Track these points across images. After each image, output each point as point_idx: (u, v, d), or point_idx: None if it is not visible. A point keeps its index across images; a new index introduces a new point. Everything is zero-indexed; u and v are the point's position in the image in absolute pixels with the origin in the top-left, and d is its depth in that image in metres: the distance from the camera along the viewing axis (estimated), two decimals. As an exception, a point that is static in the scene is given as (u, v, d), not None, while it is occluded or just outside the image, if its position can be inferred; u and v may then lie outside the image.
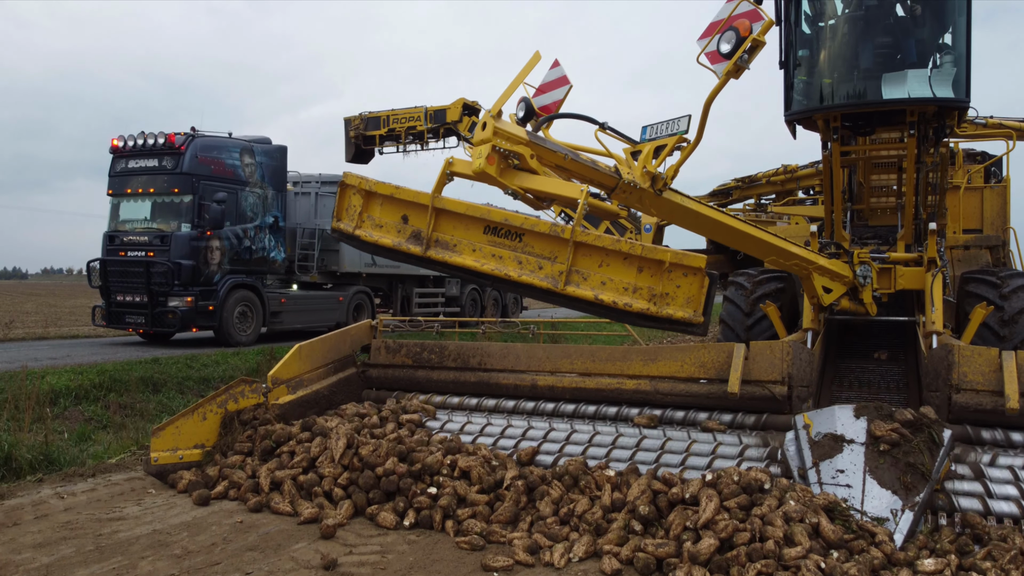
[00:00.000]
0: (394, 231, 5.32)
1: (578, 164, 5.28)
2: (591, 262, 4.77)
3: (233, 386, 6.56)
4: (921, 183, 7.44)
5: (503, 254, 4.92)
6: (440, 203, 5.15)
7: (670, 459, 5.64)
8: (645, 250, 4.63)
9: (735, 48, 4.72)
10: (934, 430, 4.87)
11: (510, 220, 4.97)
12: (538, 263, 4.83)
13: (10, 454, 6.33)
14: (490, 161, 4.83)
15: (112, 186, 16.09)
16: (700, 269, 4.57)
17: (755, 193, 16.77)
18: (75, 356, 13.61)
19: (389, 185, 5.37)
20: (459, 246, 5.06)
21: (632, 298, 4.61)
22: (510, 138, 4.90)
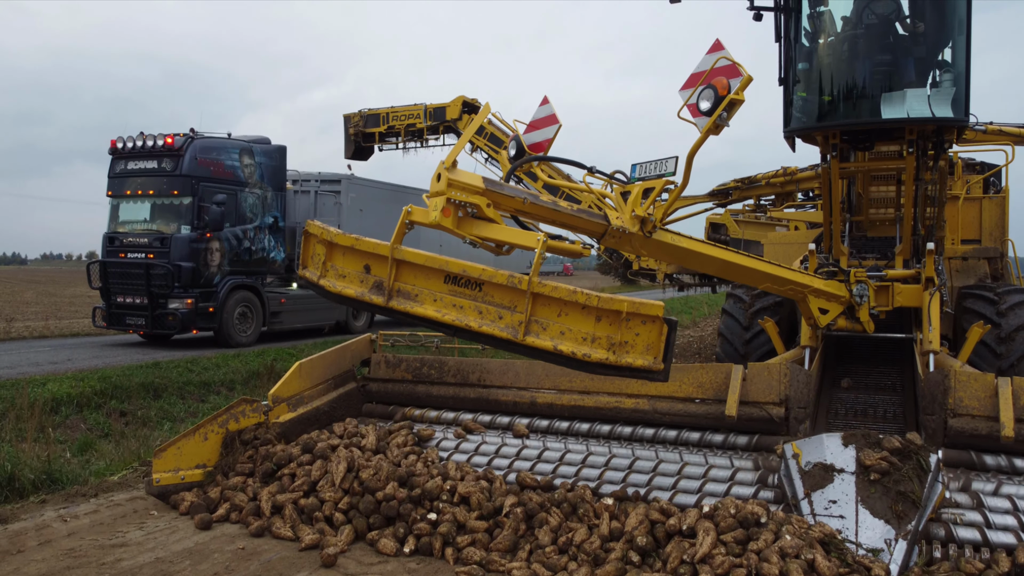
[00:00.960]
0: (357, 281, 5.30)
1: (563, 213, 5.32)
2: (550, 311, 4.71)
3: (234, 406, 6.60)
4: (920, 198, 7.45)
5: (464, 304, 4.89)
6: (400, 254, 5.11)
7: (663, 482, 5.71)
8: (602, 300, 4.60)
9: (714, 106, 4.75)
10: (921, 456, 4.92)
11: (468, 271, 4.92)
12: (498, 313, 4.79)
13: (13, 474, 6.35)
14: (445, 213, 4.83)
15: (111, 187, 16.09)
16: (658, 317, 4.54)
17: (754, 194, 16.76)
18: (76, 359, 13.65)
19: (350, 236, 5.34)
20: (420, 296, 5.04)
21: (591, 348, 4.59)
22: (465, 188, 4.88)
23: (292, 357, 15.46)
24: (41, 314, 29.32)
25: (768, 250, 11.40)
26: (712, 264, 6.10)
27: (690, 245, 5.79)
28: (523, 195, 5.14)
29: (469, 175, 5.01)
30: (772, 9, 7.32)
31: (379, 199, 21.02)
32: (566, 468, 6.09)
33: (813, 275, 6.68)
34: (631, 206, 5.29)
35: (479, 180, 5.00)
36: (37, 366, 12.74)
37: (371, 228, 20.63)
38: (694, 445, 6.28)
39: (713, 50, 4.94)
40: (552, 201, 5.33)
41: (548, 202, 5.31)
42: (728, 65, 4.77)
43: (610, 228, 5.27)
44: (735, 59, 4.76)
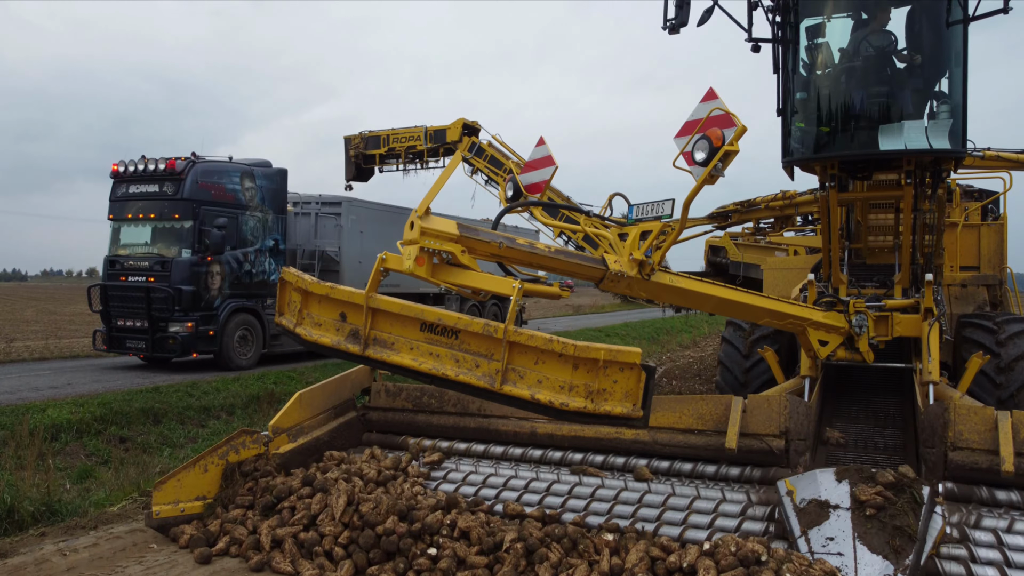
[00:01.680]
0: (333, 329, 5.26)
1: (560, 260, 5.34)
2: (527, 359, 4.64)
3: (234, 437, 6.60)
4: (918, 227, 7.50)
5: (440, 352, 4.83)
6: (375, 303, 5.06)
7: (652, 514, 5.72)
8: (579, 349, 4.56)
9: (709, 157, 4.79)
10: (915, 489, 4.92)
11: (444, 319, 4.88)
12: (475, 361, 4.73)
13: (12, 506, 6.34)
14: (419, 262, 4.80)
15: (113, 211, 16.16)
16: (636, 364, 4.52)
17: (753, 217, 16.82)
18: (76, 384, 13.64)
19: (324, 285, 5.29)
20: (397, 344, 4.99)
21: (569, 397, 4.53)
22: (439, 236, 4.85)
23: (292, 380, 15.49)
24: (41, 333, 29.34)
25: (768, 276, 11.44)
26: (710, 302, 6.12)
27: (688, 285, 5.82)
28: (499, 240, 5.12)
29: (443, 222, 4.97)
30: (770, 41, 7.40)
31: (380, 221, 21.10)
32: (575, 502, 6.08)
33: (812, 307, 6.70)
34: (629, 249, 5.31)
35: (453, 227, 4.98)
36: (37, 391, 12.74)
37: (372, 250, 20.70)
38: (693, 476, 6.29)
39: (707, 99, 4.99)
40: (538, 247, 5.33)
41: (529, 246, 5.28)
42: (722, 115, 4.80)
43: (608, 273, 5.29)
44: (729, 108, 4.80)
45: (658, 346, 32.49)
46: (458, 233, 4.91)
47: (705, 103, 4.93)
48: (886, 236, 8.90)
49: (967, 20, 6.76)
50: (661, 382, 18.44)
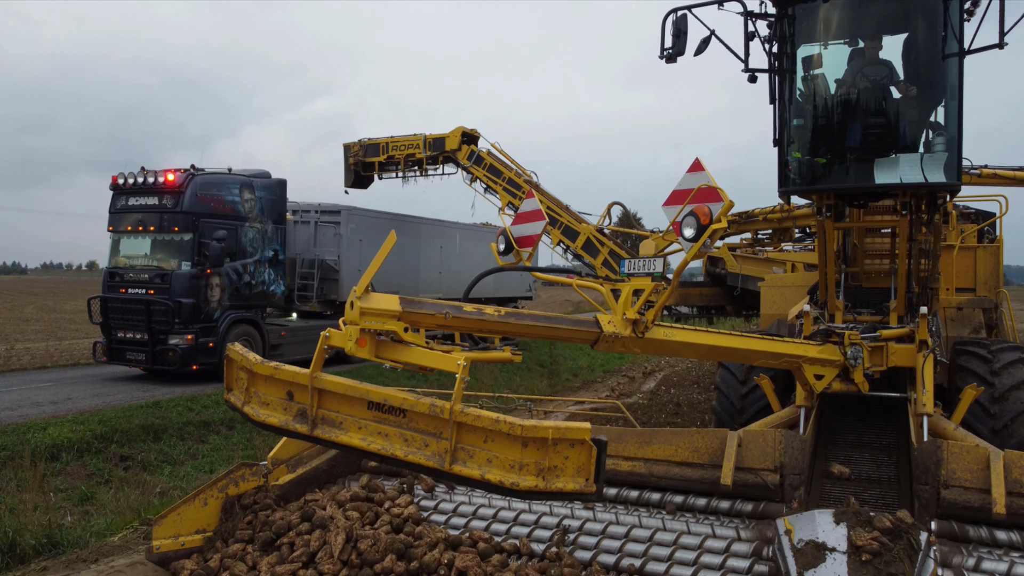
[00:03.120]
0: (280, 409, 5.20)
1: (556, 328, 5.36)
2: (476, 437, 4.56)
3: (234, 470, 6.64)
4: (914, 255, 7.54)
5: (389, 431, 4.76)
6: (319, 383, 4.97)
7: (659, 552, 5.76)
8: (526, 429, 4.53)
9: (697, 234, 4.83)
10: (912, 535, 4.97)
11: (390, 399, 4.78)
12: (424, 440, 4.66)
13: (14, 540, 6.40)
14: (360, 343, 4.76)
15: (112, 223, 16.20)
16: (585, 441, 4.52)
17: (751, 228, 16.84)
18: (76, 398, 13.69)
19: (269, 365, 5.16)
20: (345, 423, 4.92)
21: (519, 476, 4.47)
22: (380, 315, 4.82)
23: (292, 392, 15.50)
24: (42, 333, 29.48)
25: (765, 293, 11.48)
26: (705, 350, 6.16)
27: (683, 337, 5.85)
28: (444, 310, 5.05)
29: (384, 299, 4.91)
30: (767, 71, 7.43)
31: (379, 229, 21.13)
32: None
33: (806, 342, 6.74)
34: (622, 308, 5.34)
35: (395, 303, 4.90)
36: (38, 407, 12.79)
37: (371, 258, 20.70)
38: (684, 509, 6.36)
39: (694, 170, 5.04)
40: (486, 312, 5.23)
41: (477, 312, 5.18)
42: (710, 190, 4.84)
43: (603, 335, 5.30)
44: (716, 182, 4.85)
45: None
46: (400, 309, 4.84)
47: (692, 174, 4.98)
48: (882, 260, 8.94)
49: (963, 53, 6.78)
50: (659, 391, 18.55)
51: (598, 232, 18.53)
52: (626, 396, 18.17)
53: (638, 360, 27.60)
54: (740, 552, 5.66)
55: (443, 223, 24.50)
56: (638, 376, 22.57)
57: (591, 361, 27.63)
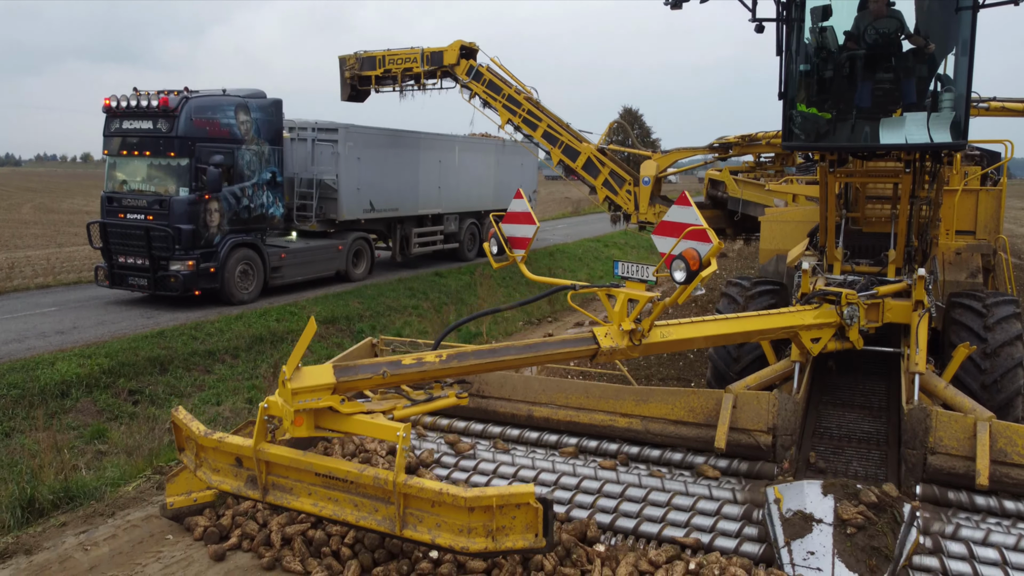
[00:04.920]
0: (231, 475, 5.21)
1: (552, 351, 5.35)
2: (423, 503, 4.63)
3: (241, 428, 6.82)
4: (915, 209, 7.52)
5: (339, 496, 4.82)
6: (264, 455, 5.01)
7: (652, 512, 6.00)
8: (470, 500, 4.50)
9: (688, 279, 4.81)
10: (896, 509, 5.18)
11: (334, 472, 4.82)
12: (374, 505, 4.73)
13: (32, 495, 6.63)
14: (297, 423, 4.71)
15: (107, 146, 16.00)
16: (528, 503, 4.51)
17: (754, 151, 16.65)
18: (81, 327, 13.86)
19: (212, 438, 5.16)
20: (295, 489, 4.97)
21: (468, 540, 4.54)
22: (314, 391, 4.74)
23: (293, 316, 15.72)
24: (42, 239, 29.62)
25: (765, 228, 11.45)
26: (705, 340, 6.20)
27: (680, 334, 5.87)
28: (381, 370, 4.95)
29: (315, 373, 4.82)
30: (774, 20, 7.21)
31: (377, 146, 20.88)
32: (561, 493, 6.37)
33: (802, 309, 6.78)
34: (618, 319, 5.37)
35: (328, 374, 4.80)
36: (44, 337, 12.97)
37: (369, 177, 20.61)
38: (683, 467, 6.59)
39: (681, 203, 4.99)
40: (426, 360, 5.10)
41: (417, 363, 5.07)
42: (699, 230, 4.80)
43: (601, 350, 5.34)
44: (703, 220, 4.83)
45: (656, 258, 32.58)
46: (334, 381, 4.77)
47: (681, 208, 4.95)
48: (884, 205, 8.90)
49: (977, 7, 6.57)
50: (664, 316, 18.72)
51: (599, 152, 18.29)
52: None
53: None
54: (731, 514, 5.91)
55: (441, 136, 24.15)
56: (637, 292, 22.73)
57: (590, 273, 27.76)
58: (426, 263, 23.82)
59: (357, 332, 16.34)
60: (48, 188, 63.80)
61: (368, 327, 16.72)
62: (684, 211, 4.96)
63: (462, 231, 25.10)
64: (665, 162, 18.09)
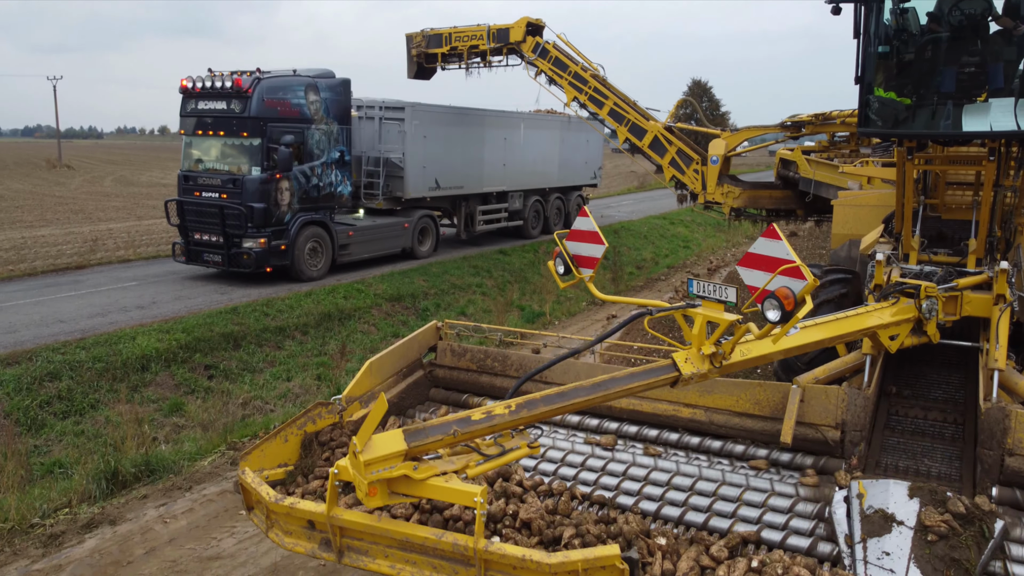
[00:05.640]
0: (304, 538, 5.18)
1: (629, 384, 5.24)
2: (506, 567, 4.54)
3: (311, 409, 7.00)
4: (998, 199, 7.22)
5: (416, 559, 4.78)
6: (337, 521, 4.92)
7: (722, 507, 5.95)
8: (554, 567, 4.37)
9: (783, 320, 4.57)
10: (986, 524, 5.01)
11: (411, 538, 4.75)
12: (453, 568, 4.69)
13: (116, 469, 6.96)
14: (372, 493, 4.60)
15: (183, 126, 16.47)
16: (615, 565, 4.52)
17: (828, 130, 16.19)
18: (160, 302, 14.38)
19: (284, 504, 5.13)
20: (371, 551, 4.93)
21: None
22: (386, 460, 4.62)
23: (360, 293, 16.01)
24: (123, 211, 30.81)
25: (838, 212, 11.15)
26: (780, 353, 6.01)
27: (760, 351, 5.68)
28: (452, 429, 4.86)
29: (386, 442, 4.72)
30: (852, 1, 6.96)
31: (443, 124, 20.96)
32: (629, 484, 6.38)
33: (879, 307, 6.59)
34: (698, 343, 5.21)
35: (399, 441, 4.70)
36: (125, 312, 13.50)
37: (435, 154, 20.73)
38: (745, 459, 6.52)
39: (769, 235, 4.77)
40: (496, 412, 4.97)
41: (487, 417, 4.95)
42: (793, 268, 4.57)
43: (682, 377, 5.21)
44: (796, 255, 4.62)
45: (722, 236, 32.16)
46: (406, 447, 4.69)
47: (769, 241, 4.71)
48: (964, 192, 8.56)
49: (1072, -14, 6.23)
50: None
51: (666, 130, 18.02)
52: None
53: (703, 254, 27.36)
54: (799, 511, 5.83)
55: (506, 114, 24.11)
56: (703, 273, 22.44)
57: (655, 252, 27.51)
58: (490, 241, 23.92)
59: (422, 310, 16.56)
60: (128, 161, 66.10)
61: (433, 305, 16.92)
62: (773, 244, 4.73)
63: (526, 208, 25.08)
64: (734, 141, 17.75)
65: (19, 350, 11.03)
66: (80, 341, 11.44)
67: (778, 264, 4.70)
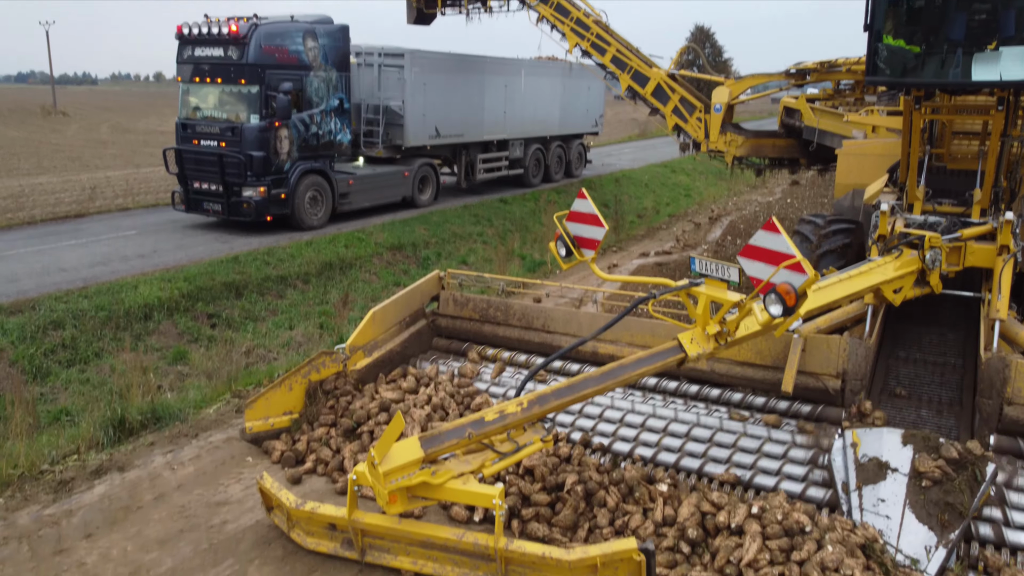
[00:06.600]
0: (326, 538, 5.27)
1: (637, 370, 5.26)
2: (525, 561, 4.68)
3: (315, 358, 7.06)
4: (1005, 150, 7.17)
5: (438, 556, 4.91)
6: (359, 524, 5.04)
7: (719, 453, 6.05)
8: (574, 562, 4.50)
9: (785, 314, 4.58)
10: (978, 468, 5.09)
11: (433, 539, 4.87)
12: (474, 563, 4.82)
13: (123, 416, 7.03)
14: (392, 500, 4.74)
15: (180, 73, 16.25)
16: (632, 558, 4.48)
17: (833, 78, 15.96)
18: (161, 251, 14.37)
19: (305, 509, 5.19)
20: (393, 549, 5.05)
21: None
22: (404, 469, 4.76)
23: (361, 242, 16.00)
24: (120, 159, 30.64)
25: (842, 161, 11.07)
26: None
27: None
28: (466, 431, 4.99)
29: (403, 451, 4.83)
30: (862, -55, 6.81)
31: (443, 71, 20.67)
32: (626, 431, 6.46)
33: (883, 262, 6.56)
34: (702, 322, 5.23)
35: (415, 448, 4.82)
36: (126, 261, 13.50)
37: (435, 102, 20.49)
38: (746, 408, 6.60)
39: (769, 228, 4.74)
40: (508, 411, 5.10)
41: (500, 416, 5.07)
42: (795, 263, 4.56)
43: (688, 358, 5.25)
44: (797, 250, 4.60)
45: (724, 185, 31.98)
46: (423, 454, 4.81)
47: (768, 234, 4.70)
48: (971, 141, 8.49)
49: (1089, -71, 6.09)
50: (725, 242, 18.43)
51: (669, 77, 17.78)
52: (691, 247, 18.14)
53: (704, 203, 27.26)
54: (797, 458, 5.92)
55: (507, 60, 23.77)
56: (704, 222, 22.37)
57: (656, 201, 27.39)
58: (491, 189, 23.80)
59: (423, 259, 16.56)
60: (124, 107, 65.40)
61: (434, 254, 16.92)
62: (772, 238, 4.73)
63: (527, 157, 24.90)
64: (738, 89, 17.52)
65: (22, 299, 11.07)
66: (82, 290, 11.47)
67: (780, 259, 4.71)
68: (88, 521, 5.61)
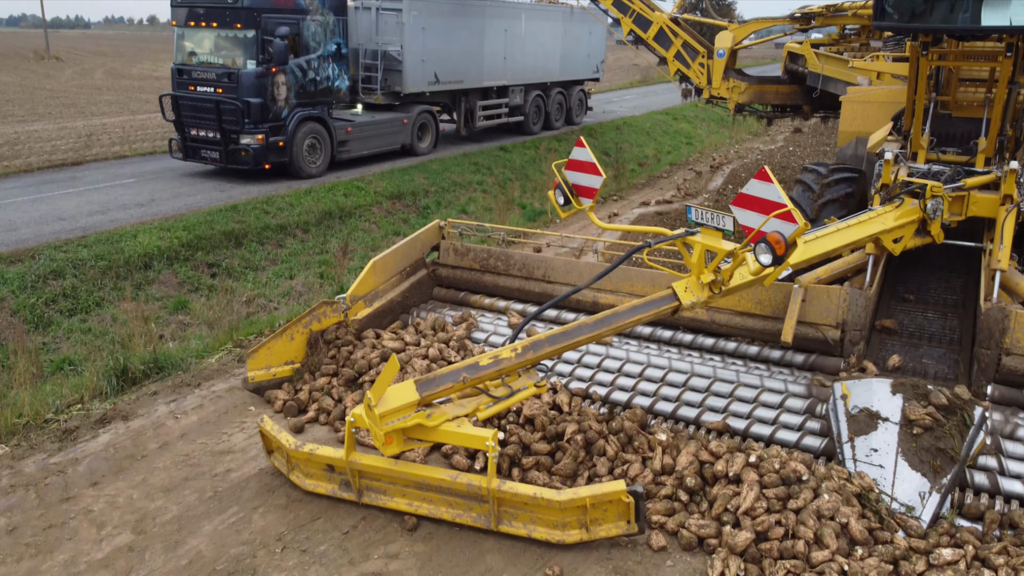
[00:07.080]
0: (324, 479, 5.34)
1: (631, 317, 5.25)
2: (517, 502, 4.79)
3: (316, 308, 7.07)
4: (1012, 97, 7.07)
5: (433, 497, 4.98)
6: (356, 465, 5.12)
7: (716, 403, 6.10)
8: (564, 503, 4.61)
9: (774, 264, 4.60)
10: (967, 412, 5.14)
11: (427, 480, 4.94)
12: (468, 504, 4.91)
13: (125, 366, 7.07)
14: (388, 442, 4.80)
15: (175, 17, 15.94)
16: (620, 499, 4.59)
17: (839, 22, 15.66)
18: (159, 199, 14.29)
19: (304, 451, 5.25)
20: (389, 491, 5.12)
21: (563, 533, 4.72)
22: (399, 411, 4.79)
23: (360, 191, 15.90)
24: (115, 105, 30.27)
25: (846, 108, 10.93)
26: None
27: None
28: (461, 376, 5.02)
29: (399, 392, 4.87)
30: None
31: (442, 15, 20.27)
32: (624, 380, 6.50)
33: (883, 212, 6.52)
34: (697, 271, 5.22)
35: (411, 391, 4.87)
36: (125, 209, 13.43)
37: (434, 48, 20.15)
38: (736, 356, 6.65)
39: (761, 177, 4.69)
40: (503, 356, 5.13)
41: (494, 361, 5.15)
42: (785, 212, 4.53)
43: (683, 307, 5.26)
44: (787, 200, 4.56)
45: (726, 133, 31.65)
46: (418, 396, 4.85)
47: (761, 183, 4.66)
48: (977, 88, 8.37)
49: None
50: (726, 190, 18.32)
51: (671, 21, 17.45)
52: (691, 195, 18.04)
53: (706, 151, 27.00)
54: (794, 408, 5.97)
55: (507, 4, 23.29)
56: (705, 171, 22.19)
57: (657, 148, 27.13)
58: (491, 137, 23.55)
59: (423, 208, 16.48)
60: (118, 52, 64.37)
61: (433, 203, 16.83)
62: (765, 187, 4.72)
63: (527, 104, 24.57)
64: (742, 33, 17.20)
65: (21, 248, 11.04)
66: (82, 239, 11.44)
67: (771, 207, 4.73)
68: (94, 469, 5.69)
